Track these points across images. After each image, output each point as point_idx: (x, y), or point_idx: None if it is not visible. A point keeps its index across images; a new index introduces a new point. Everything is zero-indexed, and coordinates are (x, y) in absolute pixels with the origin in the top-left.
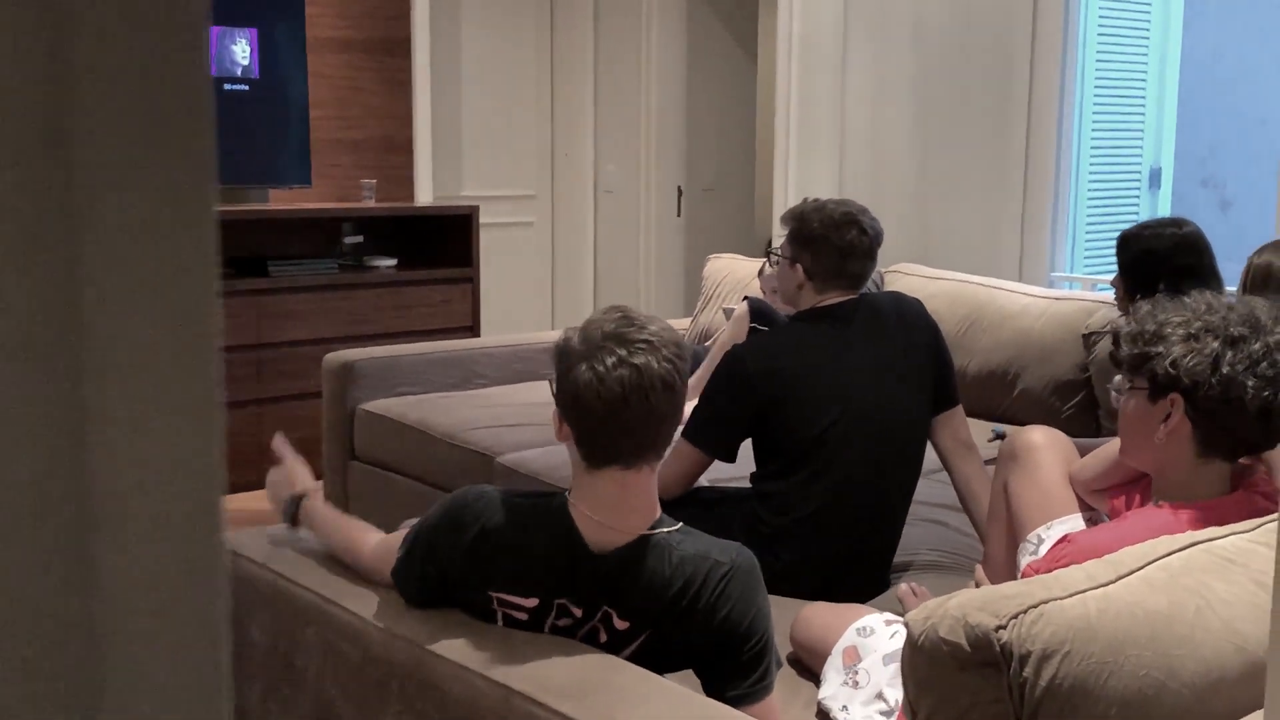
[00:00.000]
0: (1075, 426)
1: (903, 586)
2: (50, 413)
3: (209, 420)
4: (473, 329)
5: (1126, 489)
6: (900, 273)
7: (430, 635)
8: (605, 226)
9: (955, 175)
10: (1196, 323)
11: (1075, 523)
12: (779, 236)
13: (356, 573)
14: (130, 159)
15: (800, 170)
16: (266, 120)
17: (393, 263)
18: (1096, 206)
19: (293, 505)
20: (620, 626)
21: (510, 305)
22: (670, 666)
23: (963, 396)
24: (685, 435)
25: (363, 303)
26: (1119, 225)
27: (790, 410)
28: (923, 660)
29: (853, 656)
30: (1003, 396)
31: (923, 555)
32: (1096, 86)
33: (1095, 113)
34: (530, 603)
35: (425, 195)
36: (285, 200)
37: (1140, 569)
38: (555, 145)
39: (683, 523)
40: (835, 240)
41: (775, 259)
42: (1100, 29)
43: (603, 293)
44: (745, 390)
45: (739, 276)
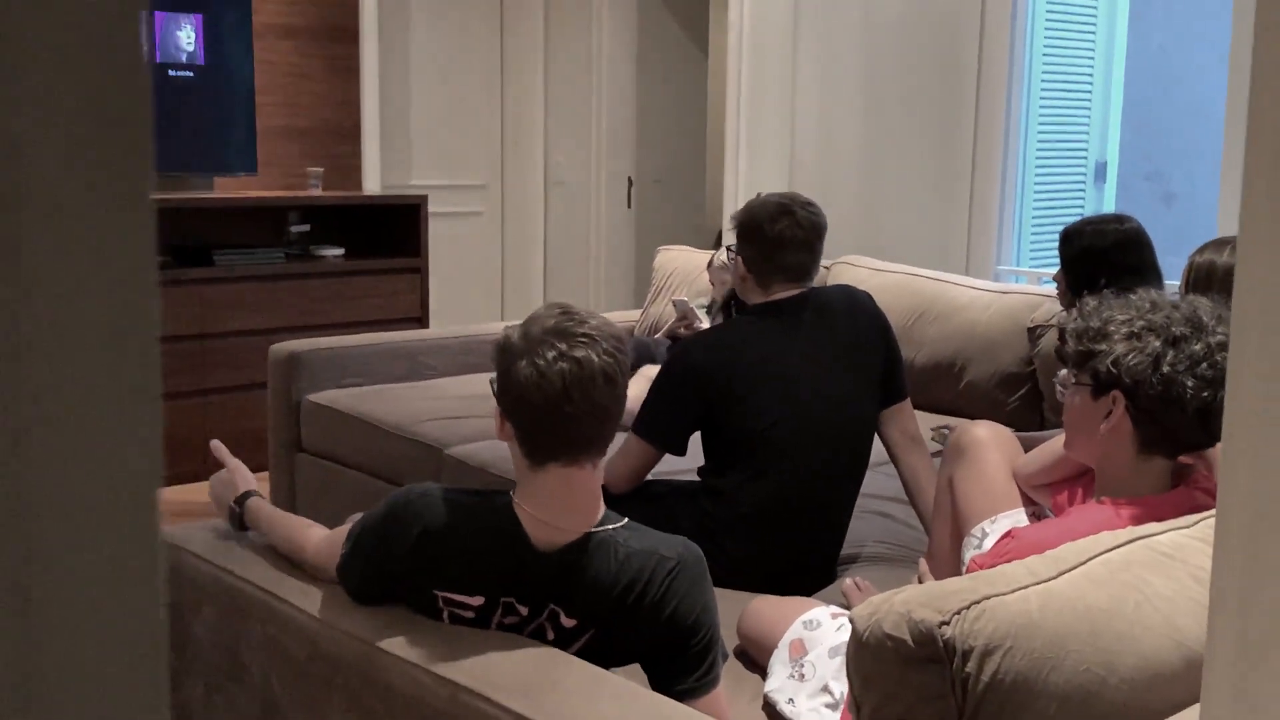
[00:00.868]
0: (1020, 419)
1: (847, 581)
2: None
3: (147, 411)
4: (421, 320)
5: (1069, 484)
6: (849, 264)
7: (377, 632)
8: (556, 217)
9: (904, 168)
10: (1140, 321)
11: (1019, 517)
12: (730, 231)
13: (301, 569)
14: (64, 144)
15: (750, 163)
16: (212, 107)
17: (340, 252)
18: (1043, 200)
19: (238, 506)
20: (568, 624)
21: (459, 296)
22: (617, 662)
23: (910, 388)
24: (634, 430)
25: (309, 293)
26: (1065, 219)
27: (737, 405)
28: (867, 655)
29: (799, 649)
30: (949, 389)
31: (869, 548)
32: (1043, 81)
33: (1042, 107)
34: (476, 601)
35: (373, 184)
36: (231, 188)
37: (1081, 564)
38: (505, 135)
39: (628, 519)
40: (768, 231)
41: (731, 254)
42: (1047, 24)
43: (553, 284)
44: (692, 385)
45: (689, 268)
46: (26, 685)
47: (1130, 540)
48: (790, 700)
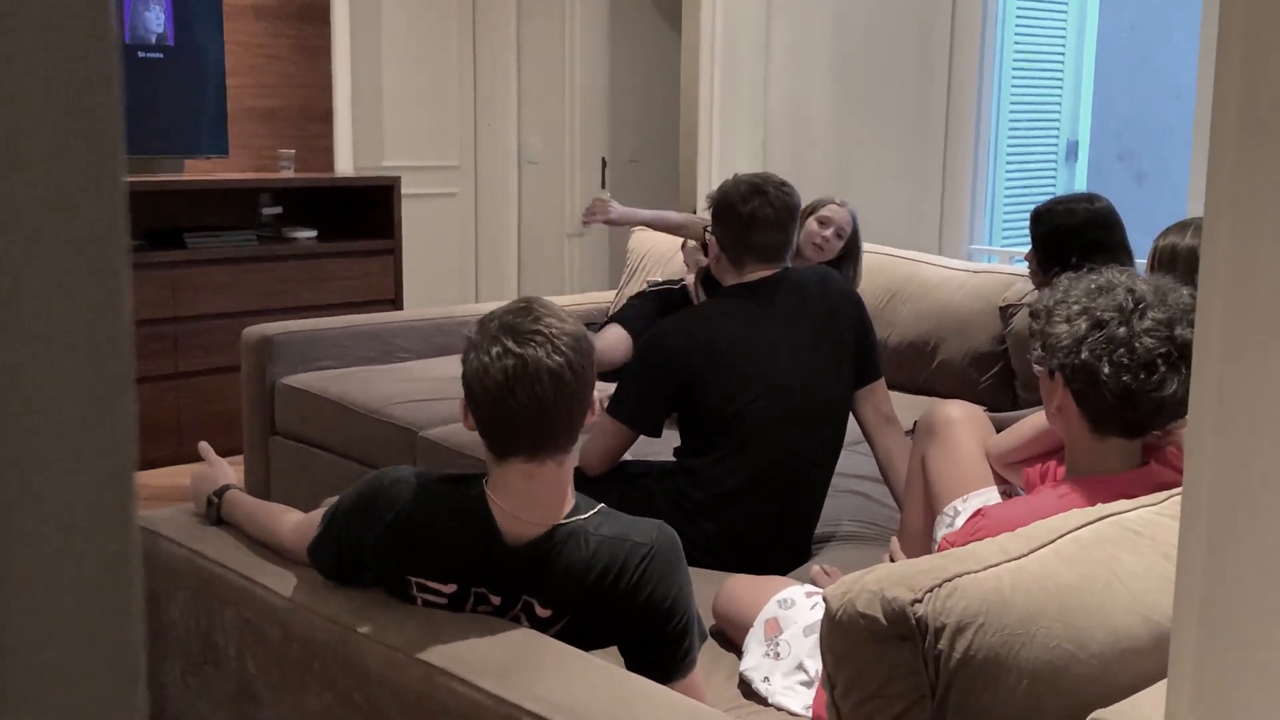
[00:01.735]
0: (993, 397)
1: (815, 568)
2: None
3: (120, 396)
4: (394, 302)
5: (1040, 463)
6: None
7: (352, 614)
8: (529, 198)
9: (877, 148)
10: (1078, 304)
11: (990, 496)
12: (705, 211)
13: (278, 554)
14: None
15: (724, 143)
16: (182, 89)
17: (312, 234)
18: (1015, 179)
19: (217, 498)
20: (542, 614)
21: (433, 278)
22: (593, 646)
23: (884, 368)
24: (609, 411)
25: (282, 275)
26: (1037, 198)
27: (711, 386)
28: (840, 634)
29: (774, 628)
30: (922, 368)
31: (844, 526)
32: (1015, 61)
33: (1014, 87)
34: (448, 589)
35: (345, 166)
36: (202, 170)
37: (1052, 542)
38: (479, 115)
39: (604, 503)
40: (740, 210)
41: (708, 234)
42: (1019, 4)
43: (527, 265)
44: (666, 366)
45: (664, 250)
46: (1, 670)
47: (1100, 517)
48: (766, 678)
